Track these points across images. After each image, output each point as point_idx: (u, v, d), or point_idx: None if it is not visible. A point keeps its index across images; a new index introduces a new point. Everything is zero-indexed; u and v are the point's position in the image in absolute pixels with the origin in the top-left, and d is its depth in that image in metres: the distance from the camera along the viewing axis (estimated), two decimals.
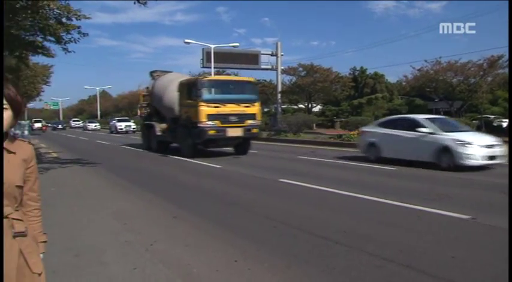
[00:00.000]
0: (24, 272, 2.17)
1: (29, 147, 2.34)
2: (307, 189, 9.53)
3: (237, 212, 7.55)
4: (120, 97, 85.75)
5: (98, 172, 13.43)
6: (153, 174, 12.84)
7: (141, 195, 9.18)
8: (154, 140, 20.45)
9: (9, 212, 2.16)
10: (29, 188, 2.32)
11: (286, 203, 8.27)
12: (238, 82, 19.16)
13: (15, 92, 2.18)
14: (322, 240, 5.66)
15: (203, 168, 14.11)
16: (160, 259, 4.96)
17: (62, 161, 16.97)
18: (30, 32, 14.77)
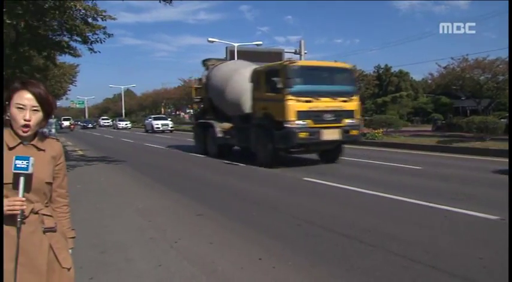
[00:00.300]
0: (54, 267, 2.22)
1: (57, 144, 2.38)
2: (331, 188, 9.47)
3: (261, 210, 7.55)
4: (144, 96, 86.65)
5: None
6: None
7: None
8: (213, 142, 16.77)
9: (39, 208, 2.21)
10: (58, 184, 2.36)
11: (310, 201, 8.23)
12: (333, 69, 14.58)
13: (46, 92, 2.22)
14: (347, 239, 5.62)
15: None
16: (185, 256, 5.00)
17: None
18: (57, 32, 15.02)
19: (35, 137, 2.26)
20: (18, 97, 2.16)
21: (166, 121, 45.53)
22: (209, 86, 17.26)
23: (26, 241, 2.12)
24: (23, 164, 2.09)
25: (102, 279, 4.34)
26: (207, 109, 17.94)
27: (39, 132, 2.29)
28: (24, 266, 2.10)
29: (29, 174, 2.12)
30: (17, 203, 2.08)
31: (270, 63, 14.98)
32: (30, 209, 2.15)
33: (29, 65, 18.98)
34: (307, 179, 10.58)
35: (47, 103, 2.21)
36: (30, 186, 2.16)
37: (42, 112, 2.21)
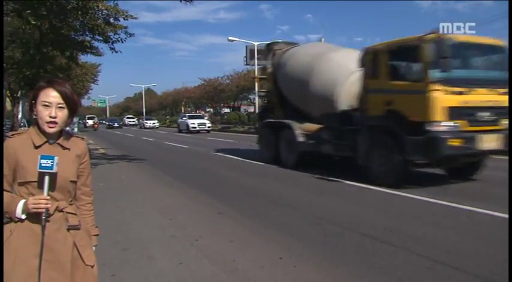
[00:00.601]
0: (78, 264, 2.25)
1: (82, 143, 2.42)
2: (352, 187, 9.42)
3: (281, 209, 7.54)
4: (164, 94, 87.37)
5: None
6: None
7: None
8: (290, 149, 12.74)
9: (64, 206, 2.25)
10: (82, 182, 2.40)
11: (331, 201, 8.20)
12: (487, 47, 9.64)
13: (71, 91, 2.26)
14: (368, 239, 5.58)
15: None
16: (205, 254, 5.02)
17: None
18: (80, 32, 15.24)
19: (60, 136, 2.29)
20: (44, 95, 2.20)
21: (203, 120, 41.06)
22: (279, 76, 13.74)
23: (50, 238, 2.16)
24: (47, 163, 2.12)
25: (124, 276, 4.38)
26: (275, 105, 14.29)
27: (64, 131, 2.32)
28: (49, 262, 2.14)
29: (54, 173, 2.16)
30: (42, 201, 2.12)
31: (399, 39, 9.83)
32: (54, 207, 2.19)
33: (52, 64, 19.35)
34: (326, 178, 10.56)
35: (72, 101, 2.25)
36: (54, 185, 2.20)
37: (68, 110, 2.24)
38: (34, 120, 2.25)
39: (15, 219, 2.17)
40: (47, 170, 2.13)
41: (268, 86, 15.36)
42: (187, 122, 39.55)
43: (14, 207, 2.15)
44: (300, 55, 13.22)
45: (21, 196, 2.19)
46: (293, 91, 13.22)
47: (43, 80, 2.30)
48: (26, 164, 2.18)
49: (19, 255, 2.13)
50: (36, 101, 2.21)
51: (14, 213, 2.15)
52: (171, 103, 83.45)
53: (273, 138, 13.66)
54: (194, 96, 71.23)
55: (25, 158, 2.19)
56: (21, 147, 2.21)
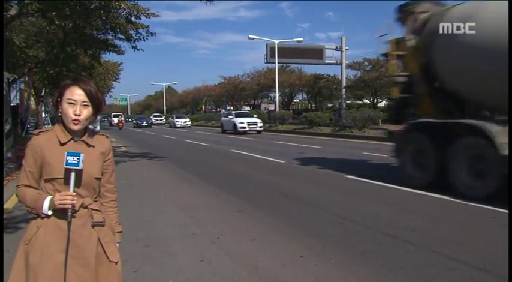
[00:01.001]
0: (102, 260, 2.28)
1: (106, 141, 2.44)
2: (373, 186, 9.34)
3: (302, 207, 7.53)
4: (185, 93, 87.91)
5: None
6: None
7: None
8: (479, 171, 7.72)
9: (89, 202, 2.28)
10: (106, 180, 2.43)
11: (352, 199, 8.15)
12: None
13: (95, 89, 2.29)
14: (390, 238, 5.53)
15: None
16: (226, 252, 5.04)
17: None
18: (102, 31, 15.44)
19: (85, 133, 2.32)
20: (70, 93, 2.23)
21: (253, 118, 33.67)
22: (438, 51, 8.89)
23: (76, 234, 2.20)
24: (74, 160, 2.16)
25: (145, 272, 4.43)
26: (421, 96, 9.62)
27: (88, 129, 2.35)
28: (74, 258, 2.18)
29: (80, 169, 2.19)
30: (68, 197, 2.16)
31: None
32: (80, 204, 2.23)
33: (75, 63, 19.62)
34: (348, 176, 10.50)
35: (96, 99, 2.28)
36: (80, 182, 2.23)
37: (92, 108, 2.27)
38: (59, 117, 2.28)
39: (41, 215, 2.21)
40: (73, 166, 2.16)
41: (409, 66, 10.12)
42: (235, 121, 32.65)
43: (41, 203, 2.19)
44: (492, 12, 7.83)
45: (47, 193, 2.23)
46: (473, 76, 8.17)
47: (68, 78, 2.33)
48: (52, 161, 2.21)
49: (46, 251, 2.17)
50: (62, 99, 2.24)
51: (40, 210, 2.19)
52: (192, 101, 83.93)
53: (434, 151, 8.63)
54: (214, 95, 71.52)
55: (51, 155, 2.22)
56: (47, 144, 2.25)
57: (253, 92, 61.35)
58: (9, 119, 13.75)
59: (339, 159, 14.44)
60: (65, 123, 2.25)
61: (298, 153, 16.62)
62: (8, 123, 13.62)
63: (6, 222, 6.46)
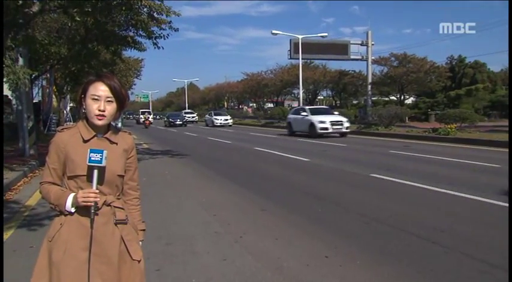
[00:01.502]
0: (125, 258, 2.29)
1: (130, 138, 2.45)
2: (401, 185, 9.22)
3: (327, 206, 7.50)
4: (207, 89, 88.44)
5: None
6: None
7: None
8: None
9: (112, 200, 2.29)
10: (129, 177, 2.44)
11: (378, 198, 8.07)
12: None
13: (120, 85, 2.30)
14: (418, 239, 5.46)
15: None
16: (249, 251, 5.05)
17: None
18: (124, 27, 15.59)
19: (108, 130, 2.34)
20: (94, 88, 2.25)
21: (338, 117, 25.91)
22: None
23: (99, 232, 2.22)
24: (97, 157, 2.17)
25: (168, 271, 4.46)
26: None
27: (111, 126, 2.37)
28: (97, 256, 2.20)
29: (103, 167, 2.21)
30: (91, 195, 2.17)
31: None
32: (103, 201, 2.24)
33: (97, 59, 19.86)
34: (373, 175, 10.40)
35: (120, 95, 2.29)
36: (103, 179, 2.25)
37: (116, 104, 2.28)
38: (83, 114, 2.30)
39: (65, 213, 2.24)
40: (96, 163, 2.17)
41: None
42: (313, 120, 24.96)
43: (64, 200, 2.22)
44: None
45: (70, 190, 2.26)
46: None
47: (92, 74, 2.35)
48: (75, 158, 2.23)
49: (69, 248, 2.19)
50: (86, 95, 2.25)
51: (64, 207, 2.22)
52: (214, 98, 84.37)
53: None
54: (237, 91, 71.83)
55: (74, 152, 2.24)
56: (70, 141, 2.27)
57: (277, 89, 61.38)
58: (31, 116, 14.04)
59: (364, 158, 14.32)
60: (89, 119, 2.27)
61: (322, 151, 16.58)
62: (31, 120, 13.91)
63: (29, 219, 6.61)
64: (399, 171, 10.83)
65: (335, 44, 41.99)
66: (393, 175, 10.20)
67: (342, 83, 54.23)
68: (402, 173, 10.46)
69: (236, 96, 76.66)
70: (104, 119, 2.25)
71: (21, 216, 6.81)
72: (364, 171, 11.12)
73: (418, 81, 42.41)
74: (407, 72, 40.27)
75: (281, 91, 63.45)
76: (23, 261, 4.61)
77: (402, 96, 44.52)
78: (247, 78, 66.52)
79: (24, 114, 13.57)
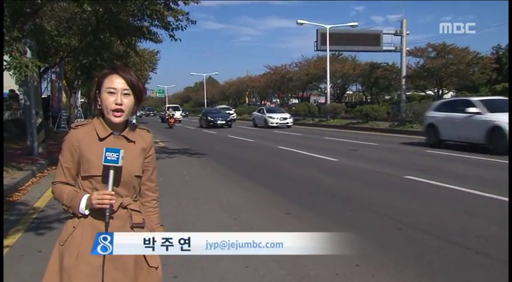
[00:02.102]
0: (142, 265, 2.30)
1: (148, 135, 2.46)
2: (437, 188, 9.12)
3: (356, 209, 7.46)
4: (227, 84, 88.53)
5: None
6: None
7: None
8: None
9: (128, 202, 2.31)
10: (147, 177, 2.45)
11: (413, 202, 7.98)
12: None
13: (136, 78, 2.31)
14: (458, 248, 5.39)
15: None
16: (273, 258, 5.01)
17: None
18: (138, 17, 15.70)
19: (125, 128, 2.35)
20: (109, 81, 2.26)
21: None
22: None
23: None
24: (113, 157, 2.18)
25: (186, 278, 4.49)
26: None
27: (129, 123, 2.38)
28: (112, 261, 2.20)
29: (119, 167, 2.21)
30: (106, 196, 2.18)
31: None
32: (119, 203, 2.26)
33: (109, 52, 20.06)
34: (407, 177, 10.30)
35: (137, 88, 2.30)
36: (119, 180, 2.26)
37: (133, 97, 2.29)
38: (98, 110, 2.31)
39: (78, 215, 2.25)
40: (112, 163, 2.18)
41: None
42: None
43: (78, 202, 2.23)
44: None
45: (84, 191, 2.28)
46: None
47: (106, 67, 2.38)
48: (90, 157, 2.25)
49: (82, 253, 2.21)
50: (101, 89, 2.27)
51: (77, 209, 2.24)
52: (234, 93, 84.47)
53: None
54: (259, 86, 71.72)
55: (89, 151, 2.26)
56: (85, 139, 2.28)
57: (302, 83, 61.09)
58: (40, 112, 14.17)
59: (398, 158, 14.20)
60: (105, 115, 2.28)
61: (351, 151, 16.49)
62: (40, 116, 14.04)
63: (38, 221, 6.71)
64: (434, 173, 10.71)
65: (366, 34, 41.68)
66: (429, 177, 10.09)
67: (373, 76, 53.70)
68: (438, 175, 10.34)
69: (258, 91, 76.54)
70: (122, 115, 2.26)
71: (29, 219, 6.91)
72: (398, 172, 11.03)
73: (459, 74, 41.66)
74: (447, 64, 39.59)
75: (307, 86, 63.18)
76: (31, 267, 4.67)
77: (440, 91, 43.85)
78: (270, 71, 66.41)
79: (33, 110, 13.68)
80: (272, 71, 65.87)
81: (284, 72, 62.67)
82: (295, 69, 61.28)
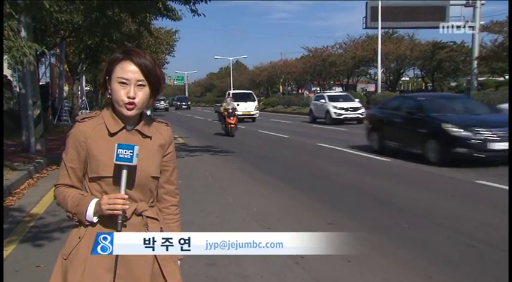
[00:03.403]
0: (159, 281, 2.31)
1: (166, 130, 2.45)
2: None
3: (413, 221, 7.38)
4: (257, 69, 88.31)
5: None
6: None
7: None
8: None
9: (144, 208, 2.30)
10: (166, 179, 2.45)
11: (488, 214, 7.82)
12: None
13: (153, 63, 2.27)
14: None
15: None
16: (314, 276, 5.02)
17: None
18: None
19: (140, 121, 2.33)
20: (121, 69, 2.23)
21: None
22: None
23: None
24: (126, 154, 2.17)
25: None
26: None
27: (145, 115, 2.37)
28: (124, 278, 2.22)
29: (133, 166, 2.20)
30: (118, 201, 2.17)
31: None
32: (132, 210, 2.25)
33: (119, 31, 20.12)
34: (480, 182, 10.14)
35: (154, 77, 2.27)
36: (133, 182, 2.25)
37: (149, 88, 2.27)
38: (109, 99, 2.30)
39: (84, 223, 2.25)
40: (125, 162, 2.17)
41: None
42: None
43: (84, 207, 2.23)
44: None
45: (92, 194, 2.28)
46: None
47: (117, 50, 2.34)
48: (99, 155, 2.25)
49: (89, 268, 2.21)
50: (111, 77, 2.25)
51: (84, 215, 2.23)
52: (266, 80, 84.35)
53: None
54: (295, 72, 71.43)
55: (98, 148, 2.26)
56: (93, 134, 2.28)
57: (347, 68, 60.60)
58: (38, 102, 14.04)
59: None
60: (116, 107, 2.26)
61: None
62: (37, 107, 13.94)
63: (35, 230, 6.79)
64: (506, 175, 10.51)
65: (427, 7, 41.04)
66: (503, 181, 9.89)
67: (435, 59, 52.78)
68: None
69: (294, 78, 76.21)
70: (135, 108, 2.24)
71: (25, 228, 6.97)
72: (465, 175, 10.88)
73: None
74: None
75: (353, 71, 62.64)
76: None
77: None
78: (309, 54, 66.11)
79: (29, 99, 13.64)
80: (311, 54, 65.50)
81: (325, 55, 62.25)
82: (339, 52, 60.85)
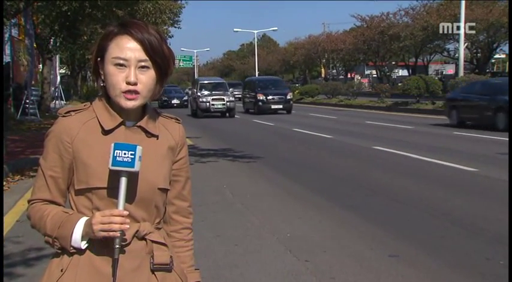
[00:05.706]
0: None
1: (178, 127, 2.43)
2: None
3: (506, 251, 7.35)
4: (291, 46, 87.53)
5: None
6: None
7: None
8: None
9: (148, 230, 2.25)
10: (177, 193, 2.42)
11: None
12: None
13: (159, 38, 2.24)
14: None
15: None
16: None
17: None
18: None
19: (143, 115, 2.30)
20: (116, 47, 2.20)
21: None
22: None
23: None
24: (126, 157, 2.11)
25: None
26: None
27: (149, 107, 2.34)
28: None
29: (135, 173, 2.15)
30: (115, 219, 2.10)
31: None
32: (133, 232, 2.21)
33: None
34: None
35: (161, 55, 2.23)
36: (134, 194, 2.21)
37: (155, 70, 2.23)
38: (102, 88, 2.28)
39: (69, 250, 2.21)
40: (124, 167, 2.11)
41: None
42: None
43: (70, 230, 2.17)
44: None
45: (80, 212, 2.24)
46: None
47: (111, 24, 2.32)
48: (89, 159, 2.22)
49: None
50: (104, 58, 2.23)
51: (68, 240, 2.18)
52: (303, 61, 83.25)
53: None
54: (343, 49, 70.49)
55: (89, 150, 2.23)
56: (82, 132, 2.25)
57: (416, 43, 59.83)
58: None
59: None
60: (112, 97, 2.23)
61: (498, 154, 16.11)
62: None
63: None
64: None
65: None
66: None
67: None
68: None
69: (342, 57, 74.99)
70: (137, 98, 2.20)
71: None
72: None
73: None
74: None
75: (423, 47, 61.88)
76: None
77: None
78: (362, 25, 65.64)
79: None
80: (365, 24, 65.05)
81: (385, 26, 61.72)
82: (405, 21, 60.28)
